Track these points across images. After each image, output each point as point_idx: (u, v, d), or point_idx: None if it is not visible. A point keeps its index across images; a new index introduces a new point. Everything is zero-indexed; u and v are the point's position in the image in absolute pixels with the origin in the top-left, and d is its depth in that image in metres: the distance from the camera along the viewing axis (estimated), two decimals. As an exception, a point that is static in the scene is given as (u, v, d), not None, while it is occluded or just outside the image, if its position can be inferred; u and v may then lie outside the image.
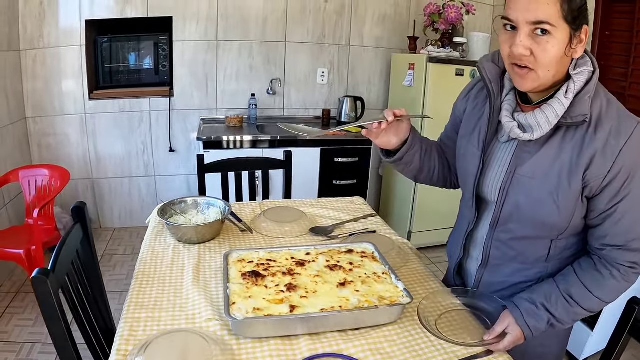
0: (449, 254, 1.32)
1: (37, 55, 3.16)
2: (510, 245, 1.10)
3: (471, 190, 1.14)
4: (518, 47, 0.90)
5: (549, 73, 0.91)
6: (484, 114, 1.12)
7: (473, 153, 1.12)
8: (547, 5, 0.85)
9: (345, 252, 1.26)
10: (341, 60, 3.66)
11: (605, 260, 0.99)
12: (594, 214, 0.98)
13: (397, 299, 1.06)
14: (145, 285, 1.23)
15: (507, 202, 1.05)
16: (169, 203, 1.57)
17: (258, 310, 0.98)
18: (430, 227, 3.41)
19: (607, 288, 0.99)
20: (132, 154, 3.50)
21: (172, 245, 1.45)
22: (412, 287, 1.21)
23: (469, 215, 1.18)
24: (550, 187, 0.97)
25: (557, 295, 1.01)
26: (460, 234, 1.24)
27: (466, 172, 1.16)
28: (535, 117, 0.95)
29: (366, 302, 1.03)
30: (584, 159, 0.93)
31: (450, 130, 1.28)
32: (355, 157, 3.20)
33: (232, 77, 3.48)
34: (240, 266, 1.16)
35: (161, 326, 1.05)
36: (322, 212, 1.71)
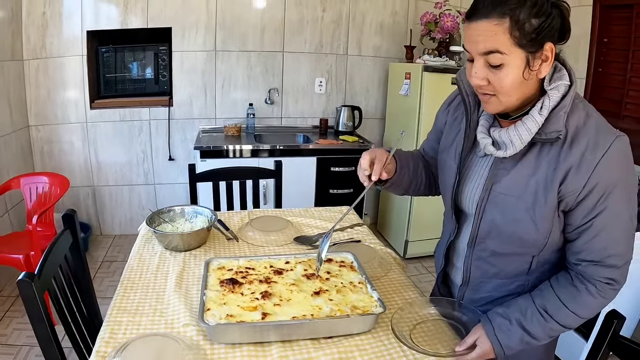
0: (435, 264, 1.34)
1: (40, 65, 3.23)
2: (491, 262, 1.10)
3: (449, 202, 1.16)
4: (473, 79, 0.93)
5: (510, 98, 0.93)
6: (461, 128, 1.13)
7: (450, 166, 1.14)
8: (495, 35, 0.86)
9: (324, 262, 1.28)
10: (339, 69, 3.69)
11: (581, 275, 0.98)
12: (569, 228, 0.98)
13: (370, 309, 1.08)
14: (130, 290, 1.27)
15: (484, 219, 1.06)
16: (158, 212, 1.60)
17: (231, 317, 1.01)
18: (427, 237, 3.42)
19: (583, 303, 0.97)
20: (133, 162, 3.55)
21: (159, 252, 1.48)
22: (390, 296, 1.23)
23: (449, 226, 1.20)
24: (526, 204, 0.97)
25: (532, 310, 1.00)
26: (442, 244, 1.26)
27: (445, 185, 1.18)
28: (509, 135, 0.96)
29: (339, 311, 1.06)
30: (559, 174, 0.92)
31: (433, 140, 1.30)
32: (352, 166, 3.23)
33: (231, 87, 3.52)
34: (220, 273, 1.19)
35: (140, 330, 1.09)
36: (309, 221, 1.74)
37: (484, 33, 0.87)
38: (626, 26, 2.71)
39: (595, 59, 2.93)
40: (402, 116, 3.44)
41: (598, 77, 2.93)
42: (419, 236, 3.41)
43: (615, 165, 0.90)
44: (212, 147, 3.02)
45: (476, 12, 0.88)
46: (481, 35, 0.87)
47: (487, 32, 0.86)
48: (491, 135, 1.01)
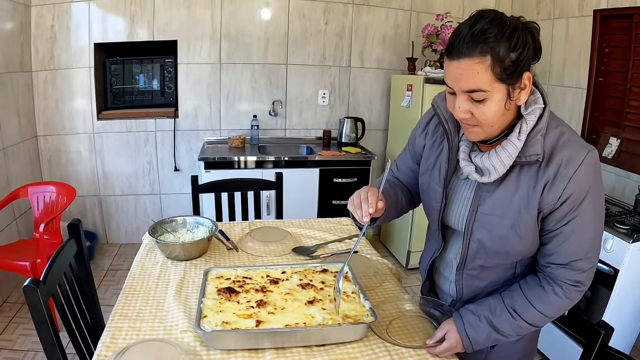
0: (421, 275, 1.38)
1: (48, 76, 3.31)
2: (480, 277, 1.15)
3: (436, 223, 1.20)
4: (457, 113, 0.96)
5: (493, 127, 0.97)
6: (442, 151, 1.16)
7: (435, 190, 1.17)
8: (478, 74, 0.89)
9: (320, 272, 1.32)
10: (342, 81, 3.74)
11: (549, 277, 1.04)
12: (542, 232, 1.04)
13: (362, 318, 1.11)
14: (131, 297, 1.31)
15: (472, 240, 1.10)
16: (160, 222, 1.64)
17: (226, 324, 1.04)
18: (429, 247, 3.43)
19: (549, 303, 1.03)
20: (139, 172, 3.60)
21: (161, 261, 1.52)
22: (383, 306, 1.26)
23: (435, 244, 1.24)
24: (511, 221, 1.03)
25: (501, 309, 1.06)
26: (426, 259, 1.30)
27: (430, 207, 1.21)
28: (491, 161, 1.00)
29: (331, 319, 1.09)
30: (538, 190, 0.99)
31: (411, 162, 1.31)
32: (354, 177, 3.26)
33: (235, 99, 3.58)
34: (218, 282, 1.23)
35: (140, 335, 1.13)
36: (308, 232, 1.77)
37: (466, 72, 0.90)
38: (626, 35, 2.72)
39: (596, 69, 2.95)
40: (404, 128, 3.47)
41: (599, 86, 2.95)
42: (421, 247, 3.38)
43: (587, 178, 0.96)
44: (217, 158, 3.07)
45: (456, 50, 0.90)
46: (463, 74, 0.90)
47: (469, 70, 0.89)
48: (473, 162, 1.05)
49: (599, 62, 2.94)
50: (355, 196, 1.12)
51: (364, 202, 1.08)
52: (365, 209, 1.07)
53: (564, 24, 3.17)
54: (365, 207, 1.07)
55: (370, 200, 1.07)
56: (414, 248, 3.42)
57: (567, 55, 3.16)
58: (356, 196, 1.11)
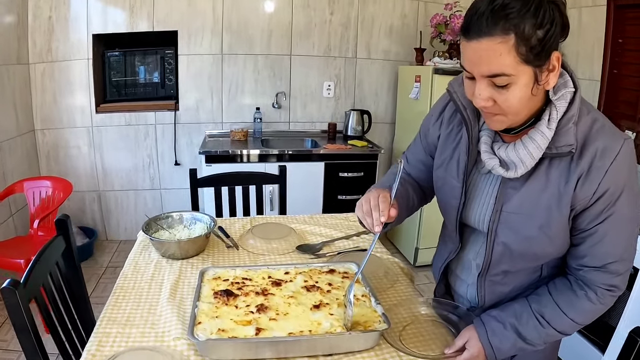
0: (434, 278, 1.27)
1: (46, 69, 3.21)
2: (504, 282, 1.04)
3: (454, 222, 1.07)
4: (478, 100, 0.84)
5: (518, 116, 0.86)
6: (460, 142, 1.04)
7: (452, 185, 1.05)
8: (500, 56, 0.77)
9: (327, 272, 1.21)
10: (347, 73, 3.62)
11: (582, 281, 0.94)
12: (573, 232, 0.93)
13: (373, 325, 1.00)
14: (122, 300, 1.22)
15: (496, 243, 0.98)
16: (155, 218, 1.54)
17: (223, 332, 0.94)
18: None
19: (581, 310, 0.93)
20: (138, 167, 3.51)
21: (155, 260, 1.42)
22: (396, 310, 1.15)
23: (451, 245, 1.13)
24: (540, 221, 0.91)
25: (528, 315, 0.96)
26: (440, 261, 1.18)
27: (447, 204, 1.09)
28: (517, 153, 0.89)
29: (339, 326, 0.98)
30: (570, 186, 0.88)
31: (423, 154, 1.18)
32: (361, 171, 3.15)
33: (238, 91, 3.47)
34: (215, 284, 1.12)
35: (129, 343, 1.03)
36: (313, 228, 1.67)
37: (486, 54, 0.78)
38: (641, 26, 2.61)
39: (610, 61, 2.82)
40: (412, 120, 3.36)
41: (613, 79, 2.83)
42: (430, 243, 3.32)
43: (623, 170, 0.86)
44: (218, 152, 2.97)
45: (475, 29, 0.78)
46: (484, 57, 0.78)
47: (490, 52, 0.77)
48: (497, 154, 0.93)
49: (613, 54, 2.82)
50: (364, 201, 1.00)
51: (375, 210, 0.96)
52: (376, 217, 0.96)
53: (576, 14, 3.03)
54: (376, 215, 0.96)
55: (382, 208, 0.95)
56: (422, 245, 3.31)
57: (580, 46, 3.03)
58: (365, 202, 0.99)
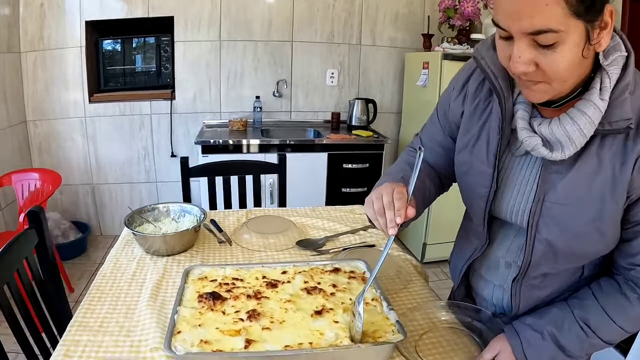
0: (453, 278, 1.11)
1: (37, 58, 3.08)
2: (542, 286, 0.89)
3: (482, 214, 0.91)
4: (517, 65, 0.68)
5: (565, 84, 0.70)
6: (490, 119, 0.87)
7: (481, 171, 0.88)
8: (547, 6, 0.61)
9: (330, 272, 1.05)
10: (352, 60, 3.46)
11: (633, 282, 0.80)
12: (625, 225, 0.77)
13: (385, 335, 0.83)
14: (97, 302, 1.07)
15: (538, 241, 0.82)
16: (139, 210, 1.39)
17: (206, 344, 0.78)
18: (447, 239, 3.16)
19: (633, 316, 0.80)
20: (133, 159, 3.37)
21: (139, 257, 1.27)
22: (411, 315, 0.99)
23: (476, 241, 0.96)
24: (592, 213, 0.76)
25: (570, 322, 0.82)
26: (461, 260, 1.02)
27: (474, 194, 0.92)
28: (564, 129, 0.73)
29: (345, 337, 0.82)
30: (627, 168, 0.72)
31: (442, 135, 1.02)
32: (366, 162, 2.99)
33: (237, 79, 3.32)
34: (200, 285, 0.97)
35: (100, 353, 0.89)
36: (315, 222, 1.51)
37: (530, 5, 0.62)
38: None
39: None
40: (419, 110, 3.20)
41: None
42: (438, 239, 3.16)
43: None
44: (215, 141, 2.81)
45: None
46: (526, 8, 0.62)
47: (533, 2, 0.62)
48: (537, 132, 0.77)
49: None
50: (375, 198, 0.83)
51: (389, 208, 0.80)
52: (390, 217, 0.80)
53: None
54: (391, 215, 0.80)
55: (398, 206, 0.79)
56: (430, 240, 3.15)
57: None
58: (377, 198, 0.83)
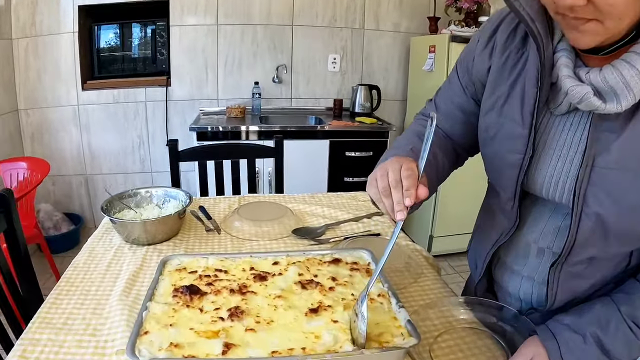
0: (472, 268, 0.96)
1: (29, 44, 2.96)
2: (584, 275, 0.74)
3: (512, 188, 0.76)
4: None
5: (621, 22, 0.55)
6: (524, 71, 0.72)
7: (514, 134, 0.73)
8: None
9: (330, 262, 0.90)
10: (355, 45, 3.31)
11: None
12: None
13: (393, 339, 0.69)
14: (64, 296, 0.94)
15: (585, 215, 0.67)
16: (119, 195, 1.26)
17: (176, 347, 0.64)
18: (455, 232, 3.03)
19: None
20: (128, 148, 3.24)
21: (117, 246, 1.14)
22: (423, 314, 0.85)
23: (504, 222, 0.81)
24: None
25: (617, 321, 0.68)
26: (484, 246, 0.87)
27: (504, 163, 0.77)
28: (621, 75, 0.58)
29: (346, 341, 0.68)
30: None
31: (463, 97, 0.87)
32: (369, 150, 2.84)
33: (234, 65, 3.18)
34: (177, 277, 0.83)
35: (60, 355, 0.76)
36: (314, 209, 1.37)
37: None
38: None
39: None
40: (425, 97, 3.01)
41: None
42: (446, 231, 3.02)
43: None
44: (211, 128, 2.67)
45: None
46: None
47: None
48: (585, 81, 0.62)
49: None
50: (379, 175, 0.70)
51: (396, 188, 0.66)
52: (398, 198, 0.66)
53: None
54: (398, 195, 0.66)
55: (407, 185, 0.65)
56: (437, 233, 3.02)
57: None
58: (382, 176, 0.69)
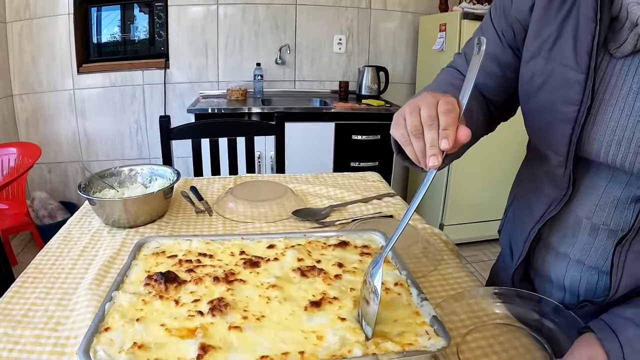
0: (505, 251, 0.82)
1: (23, 27, 2.83)
2: None
3: (564, 148, 0.62)
4: None
5: None
6: (577, 4, 0.58)
7: (567, 80, 0.59)
8: None
9: (335, 246, 0.76)
10: (361, 25, 3.15)
11: None
12: None
13: (416, 339, 0.54)
14: (29, 285, 0.81)
15: None
16: (101, 173, 1.13)
17: (139, 349, 0.50)
18: (467, 219, 2.89)
19: None
20: (125, 133, 3.11)
21: (95, 229, 1.01)
22: (448, 308, 0.70)
23: (552, 191, 0.67)
24: None
25: None
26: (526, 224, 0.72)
27: (554, 116, 0.63)
28: None
29: (356, 343, 0.53)
30: None
31: (499, 46, 0.73)
32: (377, 134, 2.70)
33: (235, 46, 3.03)
34: (153, 262, 0.69)
35: (14, 353, 0.64)
36: (318, 189, 1.23)
37: None
38: None
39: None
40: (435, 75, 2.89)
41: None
42: (458, 219, 2.88)
43: None
44: (211, 110, 2.54)
45: None
46: None
47: None
48: None
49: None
50: (408, 112, 0.55)
51: (430, 127, 0.52)
52: (431, 138, 0.52)
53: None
54: (432, 135, 0.52)
55: (444, 123, 0.51)
56: (448, 221, 2.88)
57: None
58: (411, 113, 0.54)
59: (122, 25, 3.04)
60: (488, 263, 2.75)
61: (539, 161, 0.70)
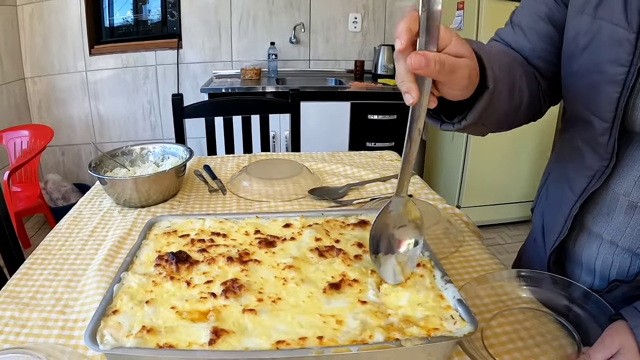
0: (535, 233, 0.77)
1: (34, 10, 2.81)
2: None
3: (610, 115, 0.56)
4: None
5: None
6: None
7: (616, 40, 0.54)
8: None
9: (355, 225, 0.72)
10: (377, 3, 3.07)
11: None
12: None
13: (443, 324, 0.50)
14: (37, 266, 0.79)
15: None
16: (112, 152, 1.10)
17: (148, 333, 0.47)
18: (485, 202, 2.82)
19: None
20: (138, 115, 3.10)
21: (106, 209, 0.99)
22: (471, 291, 0.65)
23: (594, 162, 0.61)
24: None
25: None
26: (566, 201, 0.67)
27: (601, 79, 0.57)
28: None
29: (377, 327, 0.49)
30: None
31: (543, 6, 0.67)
32: (393, 114, 2.64)
33: (249, 25, 2.98)
34: (165, 242, 0.66)
35: (21, 337, 0.62)
36: (335, 168, 1.19)
37: None
38: None
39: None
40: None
41: None
42: (475, 201, 2.82)
43: None
44: (225, 89, 2.50)
45: None
46: None
47: None
48: None
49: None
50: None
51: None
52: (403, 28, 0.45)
53: None
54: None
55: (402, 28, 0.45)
56: (465, 203, 2.81)
57: None
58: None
59: (134, 5, 3.00)
60: (505, 246, 2.70)
61: (579, 130, 0.64)
